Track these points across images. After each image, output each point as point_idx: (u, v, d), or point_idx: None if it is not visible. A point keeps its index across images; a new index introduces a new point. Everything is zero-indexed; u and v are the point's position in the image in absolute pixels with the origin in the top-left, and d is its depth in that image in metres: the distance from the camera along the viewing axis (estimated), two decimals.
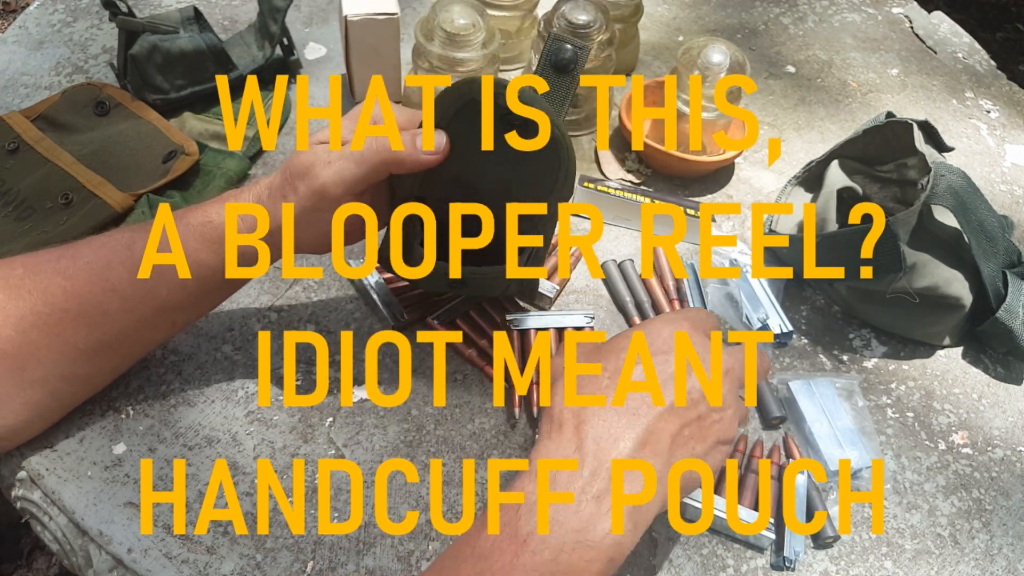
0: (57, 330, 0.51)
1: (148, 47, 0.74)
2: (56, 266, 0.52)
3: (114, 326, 0.52)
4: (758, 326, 0.70)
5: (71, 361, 0.52)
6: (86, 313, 0.51)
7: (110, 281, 0.52)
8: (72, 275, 0.52)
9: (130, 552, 0.52)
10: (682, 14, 1.04)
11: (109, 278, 0.52)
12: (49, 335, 0.51)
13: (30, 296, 0.51)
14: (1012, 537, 0.61)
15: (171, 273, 0.52)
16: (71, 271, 0.52)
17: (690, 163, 0.80)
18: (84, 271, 0.52)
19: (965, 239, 0.68)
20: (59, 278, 0.51)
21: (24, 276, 0.52)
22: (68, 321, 0.51)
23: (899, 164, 0.76)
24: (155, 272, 0.52)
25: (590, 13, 0.77)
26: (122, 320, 0.52)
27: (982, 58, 1.05)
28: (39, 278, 0.51)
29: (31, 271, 0.52)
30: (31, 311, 0.50)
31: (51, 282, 0.51)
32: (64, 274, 0.52)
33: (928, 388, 0.70)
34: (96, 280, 0.52)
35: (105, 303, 0.51)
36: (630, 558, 0.56)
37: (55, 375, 0.52)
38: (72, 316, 0.51)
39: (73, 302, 0.51)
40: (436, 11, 0.75)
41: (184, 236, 0.52)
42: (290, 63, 0.85)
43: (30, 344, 0.50)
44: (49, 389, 0.53)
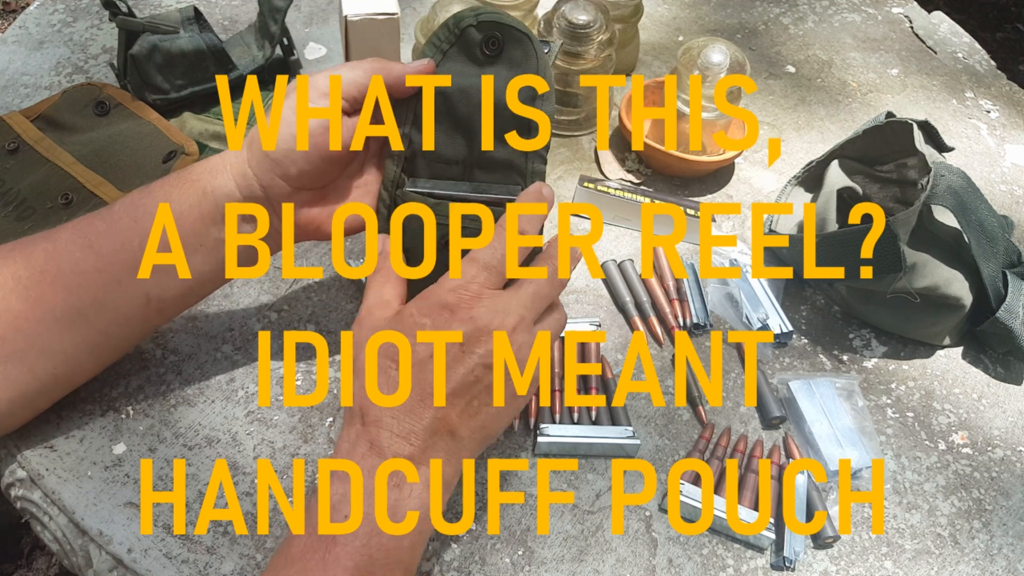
0: (35, 294, 0.51)
1: (148, 47, 0.74)
2: (45, 234, 0.53)
3: (89, 288, 0.52)
4: (758, 326, 0.70)
5: (48, 331, 0.52)
6: (63, 274, 0.51)
7: (88, 238, 0.52)
8: (55, 237, 0.52)
9: (130, 552, 0.52)
10: (682, 14, 1.04)
11: (87, 235, 0.52)
12: (27, 300, 0.51)
13: (13, 262, 0.51)
14: (1012, 537, 0.61)
15: (143, 222, 0.52)
16: (55, 235, 0.53)
17: (690, 163, 0.80)
18: (68, 232, 0.53)
19: (965, 239, 0.68)
20: (44, 242, 0.52)
21: (13, 246, 0.52)
22: (46, 284, 0.51)
23: (899, 164, 0.76)
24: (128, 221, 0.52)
25: (590, 13, 0.77)
26: (96, 281, 0.52)
27: (982, 58, 1.05)
28: (25, 245, 0.52)
29: (21, 242, 0.53)
30: (12, 276, 0.51)
31: (35, 246, 0.52)
32: (49, 237, 0.53)
33: (928, 388, 0.70)
34: (76, 239, 0.52)
35: (81, 261, 0.51)
36: (630, 558, 0.56)
37: (34, 348, 0.52)
38: (50, 278, 0.51)
39: (52, 263, 0.51)
40: (436, 11, 0.75)
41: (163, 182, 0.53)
42: (290, 63, 0.85)
43: (9, 312, 0.50)
44: (28, 365, 0.52)
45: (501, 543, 0.56)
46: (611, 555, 0.56)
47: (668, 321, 0.70)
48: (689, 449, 0.63)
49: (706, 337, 0.70)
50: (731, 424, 0.65)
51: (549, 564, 0.56)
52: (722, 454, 0.62)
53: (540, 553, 0.56)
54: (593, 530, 0.58)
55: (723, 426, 0.65)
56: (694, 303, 0.71)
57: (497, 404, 0.48)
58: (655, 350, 0.69)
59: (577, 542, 0.57)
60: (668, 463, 0.62)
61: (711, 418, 0.65)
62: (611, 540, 0.57)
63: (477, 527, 0.56)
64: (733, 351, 0.70)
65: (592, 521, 0.58)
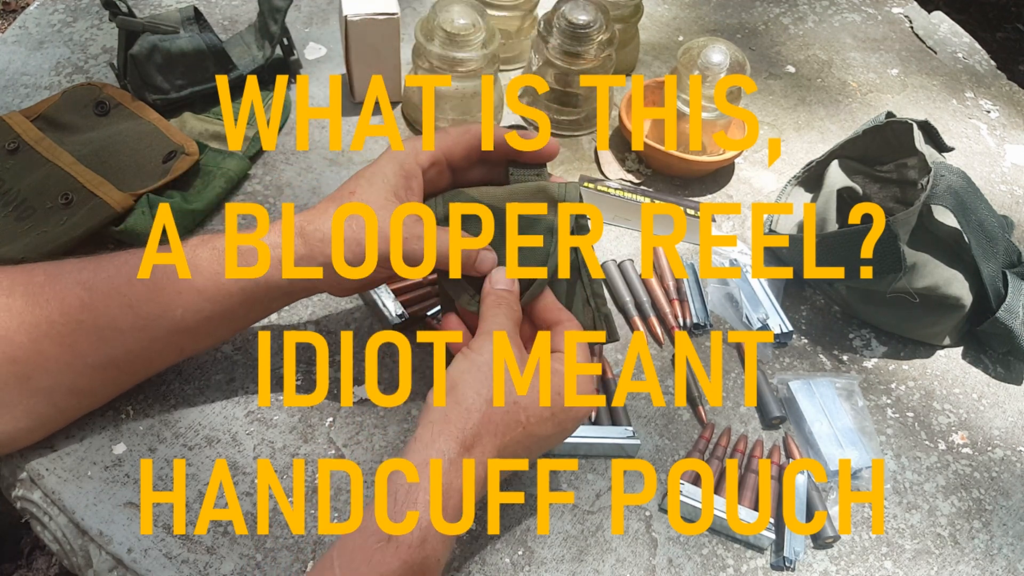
0: (69, 341, 0.51)
1: (148, 47, 0.74)
2: (77, 277, 0.52)
3: (125, 343, 0.52)
4: (758, 326, 0.70)
5: (78, 375, 0.52)
6: (100, 327, 0.51)
7: (128, 297, 0.52)
8: (92, 287, 0.52)
9: (130, 552, 0.52)
10: (682, 14, 1.04)
11: (127, 295, 0.52)
12: (60, 346, 0.51)
13: (47, 304, 0.51)
14: (1012, 537, 0.61)
15: (188, 294, 0.52)
16: (91, 283, 0.52)
17: (690, 163, 0.80)
18: (104, 284, 0.52)
19: (965, 239, 0.68)
20: (79, 289, 0.52)
21: (45, 284, 0.52)
22: (81, 334, 0.51)
23: (899, 164, 0.76)
24: (172, 292, 0.52)
25: (590, 13, 0.77)
26: (133, 338, 0.52)
27: (982, 58, 1.05)
28: (59, 287, 0.52)
29: (52, 279, 0.52)
30: (46, 320, 0.50)
31: (70, 292, 0.51)
32: (84, 286, 0.52)
33: (928, 388, 0.70)
34: (114, 295, 0.52)
35: (120, 319, 0.51)
36: (630, 558, 0.56)
37: (61, 387, 0.52)
38: (86, 329, 0.51)
39: (88, 315, 0.51)
40: (436, 11, 0.75)
41: (210, 258, 0.53)
42: (290, 63, 0.85)
43: (40, 354, 0.50)
44: (53, 400, 0.53)
45: (501, 543, 0.56)
46: (611, 555, 0.56)
47: (668, 321, 0.70)
48: (689, 449, 0.63)
49: (706, 337, 0.70)
50: (731, 424, 0.65)
51: (549, 564, 0.56)
52: (722, 454, 0.62)
53: (540, 553, 0.56)
54: (593, 530, 0.58)
55: (723, 426, 0.65)
56: (694, 303, 0.71)
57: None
58: (655, 350, 0.69)
59: (577, 542, 0.57)
60: (668, 463, 0.62)
61: (711, 418, 0.65)
62: (611, 540, 0.57)
63: (477, 527, 0.56)
64: (733, 351, 0.70)
65: (592, 521, 0.58)
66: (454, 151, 0.56)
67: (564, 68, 0.80)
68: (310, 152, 0.79)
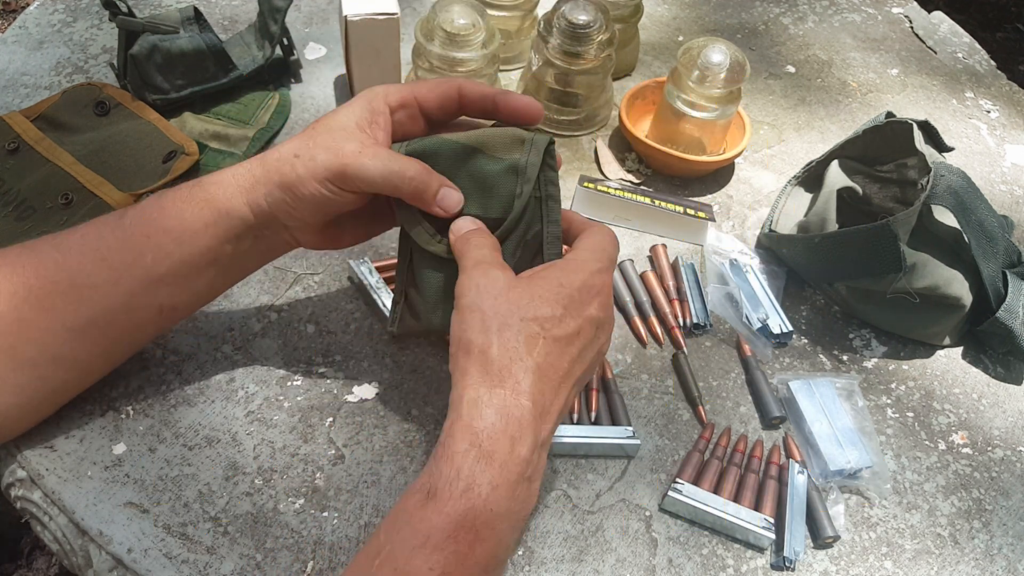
0: (47, 304, 0.51)
1: (148, 47, 0.74)
2: (52, 242, 0.53)
3: (102, 300, 0.52)
4: (758, 326, 0.70)
5: (61, 341, 0.52)
6: (76, 286, 0.51)
7: (100, 251, 0.52)
8: (65, 248, 0.52)
9: (130, 552, 0.52)
10: (682, 14, 1.04)
11: (99, 247, 0.52)
12: (39, 310, 0.51)
13: (24, 271, 0.51)
14: (1012, 537, 0.61)
15: (156, 236, 0.52)
16: (65, 244, 0.52)
17: (690, 163, 0.80)
18: (77, 243, 0.52)
19: (965, 239, 0.68)
20: (53, 252, 0.52)
21: (21, 252, 0.52)
22: (58, 295, 0.51)
23: (899, 164, 0.76)
24: (141, 237, 0.52)
25: (590, 13, 0.77)
26: (109, 294, 0.52)
27: (982, 58, 1.05)
28: (34, 253, 0.52)
29: (28, 248, 0.52)
30: (23, 285, 0.50)
31: (45, 256, 0.52)
32: (58, 247, 0.52)
33: (928, 388, 0.70)
34: (87, 251, 0.52)
35: (94, 274, 0.51)
36: (630, 558, 0.56)
37: (45, 356, 0.52)
38: (62, 289, 0.51)
39: (63, 273, 0.51)
40: (436, 11, 0.75)
41: (175, 197, 0.53)
42: (290, 63, 0.85)
43: (21, 321, 0.50)
44: (39, 372, 0.52)
45: None
46: (611, 555, 0.56)
47: (668, 321, 0.70)
48: (689, 449, 0.63)
49: (706, 337, 0.70)
50: (731, 424, 0.65)
51: (549, 564, 0.56)
52: (722, 454, 0.62)
53: (540, 553, 0.56)
54: (593, 530, 0.58)
55: (723, 426, 0.65)
56: (694, 303, 0.71)
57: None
58: (655, 350, 0.69)
59: (577, 542, 0.57)
60: (668, 463, 0.62)
61: (711, 418, 0.65)
62: (611, 540, 0.57)
63: None
64: (733, 351, 0.70)
65: (592, 521, 0.58)
66: (428, 97, 0.54)
67: (564, 68, 0.80)
68: None
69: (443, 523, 0.42)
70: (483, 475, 0.43)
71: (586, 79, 0.81)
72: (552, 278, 0.49)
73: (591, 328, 0.49)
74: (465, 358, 0.46)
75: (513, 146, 0.54)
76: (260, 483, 0.57)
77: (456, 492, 0.43)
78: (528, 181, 0.53)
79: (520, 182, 0.53)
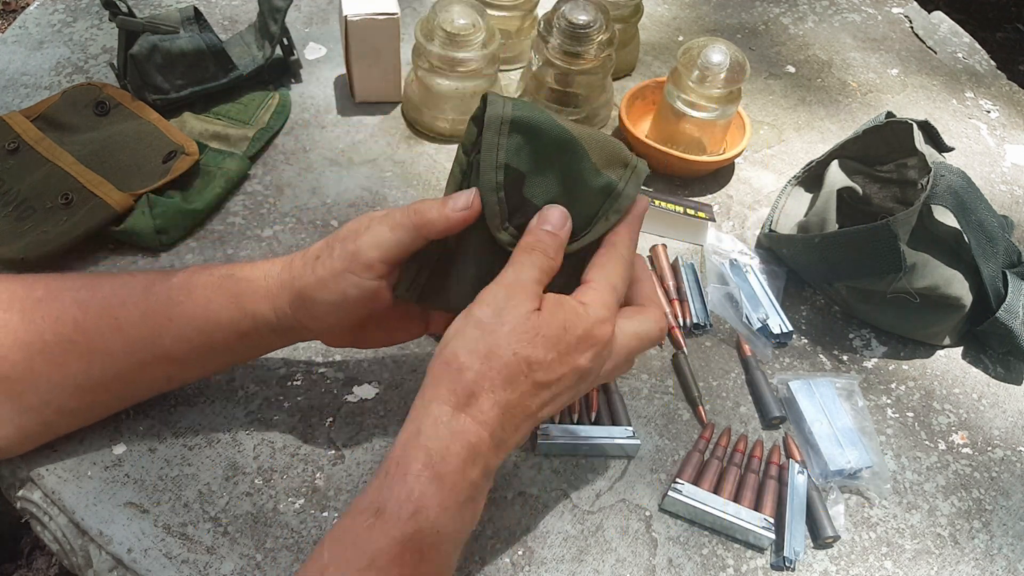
0: (60, 361, 0.51)
1: (148, 47, 0.74)
2: (75, 296, 0.52)
3: (114, 366, 0.52)
4: (758, 326, 0.70)
5: (67, 395, 0.52)
6: (91, 350, 0.51)
7: (119, 320, 0.52)
8: (87, 308, 0.52)
9: (130, 552, 0.52)
10: (682, 14, 1.04)
11: (119, 316, 0.52)
12: (51, 365, 0.51)
13: (42, 322, 0.51)
14: (1012, 537, 0.61)
15: (178, 321, 0.52)
16: (87, 303, 0.52)
17: (690, 163, 0.80)
18: (98, 306, 0.52)
19: (965, 239, 0.68)
20: (75, 309, 0.52)
21: (43, 300, 0.52)
22: (73, 355, 0.51)
23: (899, 164, 0.76)
24: (163, 318, 0.52)
25: (590, 13, 0.77)
26: (122, 361, 0.52)
27: (982, 58, 1.05)
28: (55, 305, 0.52)
29: (50, 295, 0.52)
30: (39, 338, 0.51)
31: (66, 312, 0.52)
32: (80, 305, 0.52)
33: (928, 388, 0.70)
34: (107, 317, 0.52)
35: (110, 341, 0.52)
36: (630, 558, 0.56)
37: (50, 407, 0.52)
38: (78, 351, 0.51)
39: (81, 335, 0.51)
40: (436, 11, 0.75)
41: (204, 284, 0.52)
42: (290, 63, 0.85)
43: (32, 371, 0.51)
44: (42, 418, 0.53)
45: (501, 543, 0.56)
46: (611, 555, 0.56)
47: (668, 321, 0.70)
48: (689, 449, 0.63)
49: (706, 337, 0.70)
50: (731, 424, 0.65)
51: (549, 564, 0.56)
52: (722, 454, 0.62)
53: (540, 553, 0.56)
54: (593, 530, 0.58)
55: (723, 426, 0.65)
56: (694, 303, 0.71)
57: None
58: (655, 350, 0.69)
59: (577, 542, 0.57)
60: (668, 463, 0.62)
61: (711, 418, 0.65)
62: (611, 540, 0.57)
63: (477, 526, 0.56)
64: (733, 351, 0.70)
65: (592, 521, 0.58)
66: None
67: (564, 68, 0.80)
68: (310, 152, 0.79)
69: (389, 545, 0.42)
70: (433, 497, 0.43)
71: (586, 79, 0.81)
72: (560, 319, 0.46)
73: (573, 377, 0.47)
74: (443, 368, 0.45)
75: (614, 164, 0.50)
76: (260, 483, 0.57)
77: (405, 514, 0.42)
78: (618, 212, 0.49)
79: (609, 207, 0.50)
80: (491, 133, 0.48)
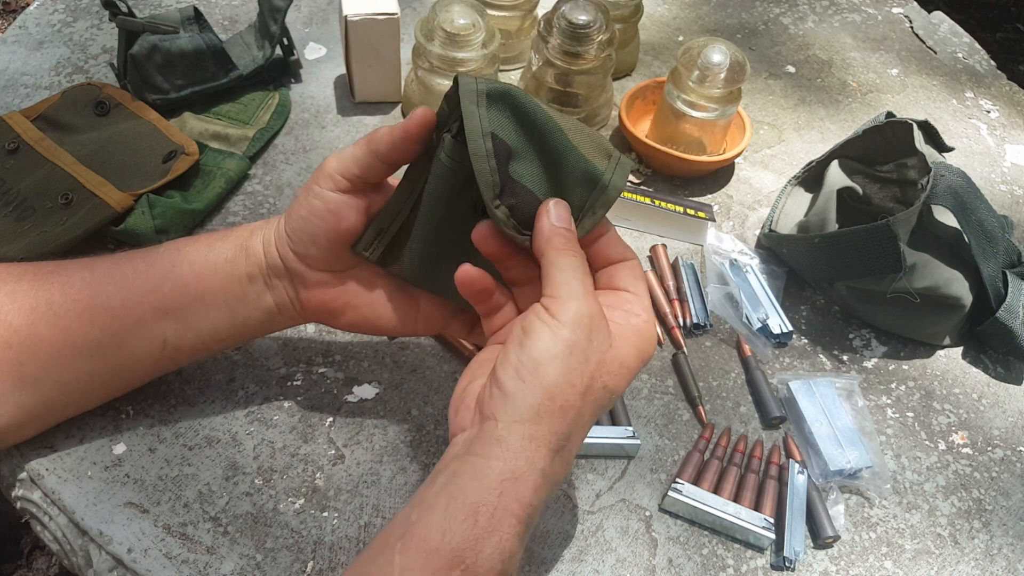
0: (63, 324, 0.51)
1: (148, 47, 0.74)
2: (87, 262, 0.54)
3: (113, 324, 0.52)
4: (758, 326, 0.70)
5: (67, 362, 0.52)
6: (93, 306, 0.52)
7: (125, 275, 0.53)
8: (95, 267, 0.54)
9: (130, 552, 0.52)
10: (682, 14, 1.04)
11: (125, 272, 0.53)
12: (54, 329, 0.51)
13: (50, 287, 0.52)
14: (1012, 537, 0.61)
15: (180, 268, 0.53)
16: (96, 265, 0.54)
17: (690, 163, 0.80)
18: (108, 265, 0.54)
19: (965, 239, 0.68)
20: (83, 271, 0.53)
21: (54, 270, 0.53)
22: (75, 314, 0.52)
23: (899, 164, 0.76)
24: (167, 265, 0.53)
25: (590, 13, 0.77)
26: (121, 318, 0.52)
27: (982, 58, 1.05)
28: (65, 272, 0.53)
29: (62, 267, 0.54)
30: (46, 300, 0.52)
31: (74, 275, 0.53)
32: (89, 267, 0.54)
33: (928, 388, 0.70)
34: (114, 273, 0.53)
35: (113, 296, 0.52)
36: (630, 558, 0.56)
37: (50, 377, 0.52)
38: (80, 308, 0.52)
39: (86, 293, 0.52)
40: (436, 11, 0.75)
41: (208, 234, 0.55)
42: (290, 63, 0.85)
43: (33, 336, 0.51)
44: (42, 391, 0.53)
45: None
46: (611, 555, 0.56)
47: (668, 321, 0.70)
48: (689, 449, 0.63)
49: (706, 337, 0.70)
50: (731, 424, 0.65)
51: (549, 564, 0.56)
52: (722, 454, 0.62)
53: (540, 553, 0.56)
54: (593, 530, 0.58)
55: (723, 426, 0.65)
56: (694, 303, 0.71)
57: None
58: (655, 350, 0.69)
59: (577, 542, 0.57)
60: (668, 463, 0.62)
61: (711, 418, 0.65)
62: (611, 540, 0.57)
63: None
64: (733, 351, 0.70)
65: (592, 521, 0.58)
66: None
67: (564, 68, 0.80)
68: (310, 152, 0.79)
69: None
70: (520, 544, 0.41)
71: (586, 79, 0.81)
72: (635, 346, 0.46)
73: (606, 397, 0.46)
74: (548, 403, 0.42)
75: (597, 154, 0.48)
76: (260, 483, 0.57)
77: (494, 572, 0.40)
78: (605, 206, 0.48)
79: (595, 200, 0.47)
80: (468, 103, 0.46)
